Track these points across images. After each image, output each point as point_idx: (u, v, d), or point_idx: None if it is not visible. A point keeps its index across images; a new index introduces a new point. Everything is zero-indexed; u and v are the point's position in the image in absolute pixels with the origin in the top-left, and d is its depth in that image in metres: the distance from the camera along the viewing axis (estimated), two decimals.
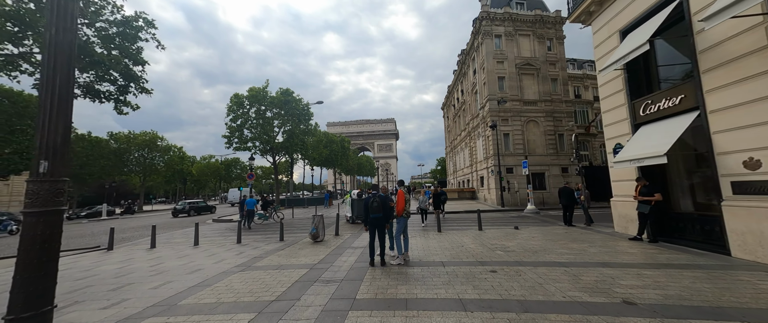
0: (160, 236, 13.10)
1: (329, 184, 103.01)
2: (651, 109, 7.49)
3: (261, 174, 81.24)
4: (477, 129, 27.23)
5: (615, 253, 6.40)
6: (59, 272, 2.63)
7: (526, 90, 23.45)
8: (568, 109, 23.61)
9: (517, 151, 22.57)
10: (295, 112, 25.59)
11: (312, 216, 9.56)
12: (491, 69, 23.14)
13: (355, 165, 59.28)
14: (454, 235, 9.55)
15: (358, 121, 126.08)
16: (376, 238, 6.13)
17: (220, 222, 18.70)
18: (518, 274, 5.02)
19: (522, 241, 8.08)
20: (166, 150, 45.53)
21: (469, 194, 28.75)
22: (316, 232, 9.24)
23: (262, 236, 11.52)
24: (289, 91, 24.48)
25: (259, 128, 23.74)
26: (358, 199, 14.06)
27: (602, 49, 9.26)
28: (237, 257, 7.61)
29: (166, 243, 11.21)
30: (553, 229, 10.21)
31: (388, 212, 6.15)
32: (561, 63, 24.00)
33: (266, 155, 26.64)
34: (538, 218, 14.55)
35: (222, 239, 11.32)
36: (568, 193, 10.60)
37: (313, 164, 39.61)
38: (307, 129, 28.84)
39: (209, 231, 14.02)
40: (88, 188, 50.95)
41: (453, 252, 6.95)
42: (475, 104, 28.24)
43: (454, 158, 41.48)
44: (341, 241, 9.23)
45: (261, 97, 23.19)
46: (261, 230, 13.39)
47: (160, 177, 51.15)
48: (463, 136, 33.59)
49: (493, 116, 22.65)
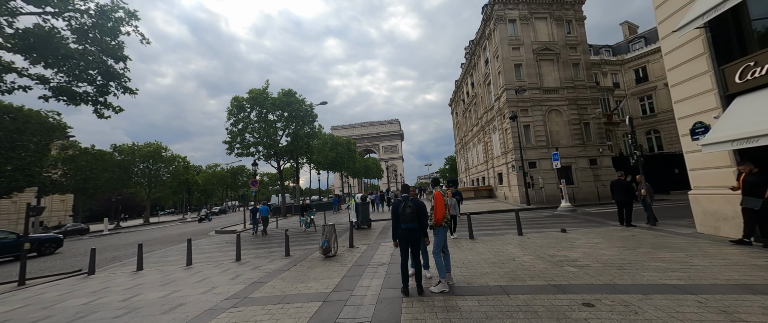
0: (155, 253, 11.81)
1: (336, 188, 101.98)
2: (756, 73, 5.77)
3: (267, 181, 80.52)
4: (492, 123, 25.48)
5: (737, 266, 4.70)
6: (14, 309, 1.16)
7: (546, 77, 21.66)
8: (593, 95, 21.70)
9: (539, 143, 20.77)
10: (299, 114, 24.28)
11: (322, 226, 8.06)
12: (506, 56, 21.43)
13: (362, 167, 57.86)
14: (492, 242, 7.93)
15: (362, 123, 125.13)
16: (409, 256, 4.59)
17: (224, 233, 17.38)
18: (632, 311, 3.38)
19: (587, 250, 6.41)
20: (170, 161, 44.85)
21: (486, 193, 26.96)
22: (328, 245, 7.74)
23: (265, 251, 10.07)
24: (291, 92, 23.18)
25: (262, 131, 22.47)
26: (362, 203, 13.36)
27: (669, 6, 7.57)
28: (231, 282, 6.14)
29: (157, 262, 9.85)
30: (611, 231, 8.48)
31: (424, 222, 4.61)
32: (582, 46, 22.15)
33: (270, 161, 25.38)
34: (579, 217, 12.77)
35: (220, 256, 9.91)
36: (625, 187, 8.85)
37: (318, 168, 38.29)
38: (311, 132, 27.53)
39: (208, 246, 12.65)
40: (95, 203, 50.74)
41: (507, 270, 5.34)
42: (488, 95, 26.50)
43: (465, 156, 39.67)
44: (358, 255, 7.70)
45: (262, 99, 21.92)
46: (264, 243, 11.95)
47: (167, 188, 50.57)
48: (475, 131, 31.83)
49: (512, 106, 20.90)
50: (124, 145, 40.95)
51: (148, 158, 41.69)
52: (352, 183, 69.13)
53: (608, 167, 20.85)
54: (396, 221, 4.57)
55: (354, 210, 13.38)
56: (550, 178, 20.43)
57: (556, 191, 20.23)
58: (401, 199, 4.65)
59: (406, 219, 4.42)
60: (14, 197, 39.39)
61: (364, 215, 13.29)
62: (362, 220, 13.15)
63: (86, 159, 34.38)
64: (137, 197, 53.43)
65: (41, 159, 28.88)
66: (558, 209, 14.46)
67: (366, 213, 13.46)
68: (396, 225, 4.58)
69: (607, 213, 13.35)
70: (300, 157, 27.56)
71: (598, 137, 21.26)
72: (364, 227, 13.17)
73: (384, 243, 9.08)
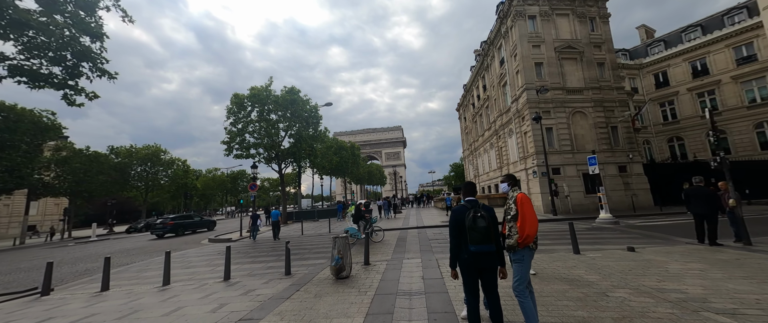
0: (134, 265, 10.07)
1: (337, 195, 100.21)
2: None
3: (268, 186, 78.93)
4: (508, 126, 23.90)
5: None
6: None
7: (569, 77, 20.15)
8: (620, 97, 20.10)
9: (563, 148, 19.10)
10: (302, 114, 22.84)
11: (333, 239, 6.39)
12: (526, 54, 19.99)
13: (366, 173, 56.24)
14: (548, 262, 6.22)
15: (364, 130, 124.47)
16: (479, 296, 2.93)
17: (218, 242, 15.68)
18: None
19: (701, 280, 4.70)
20: (169, 164, 43.46)
21: (502, 201, 25.13)
22: (341, 263, 6.07)
23: (261, 267, 8.38)
24: (295, 89, 21.77)
25: (263, 132, 20.98)
26: (366, 211, 12.00)
27: None
28: (211, 316, 4.47)
29: (131, 279, 8.18)
30: (698, 251, 6.75)
31: (501, 242, 2.99)
32: (607, 45, 20.69)
33: (271, 164, 23.83)
34: (627, 230, 11.00)
35: (206, 272, 8.23)
36: (707, 196, 7.11)
37: (322, 173, 36.69)
38: (315, 134, 26.05)
39: (196, 258, 10.95)
40: (90, 206, 49.19)
41: (612, 315, 3.63)
42: (503, 97, 25.00)
43: (474, 162, 37.97)
44: (377, 277, 6.01)
45: (263, 97, 20.49)
46: (262, 255, 10.24)
47: (165, 193, 49.08)
48: (487, 136, 30.24)
49: (532, 107, 19.34)
50: (122, 147, 39.66)
51: (146, 160, 40.32)
52: (355, 190, 67.38)
53: (639, 175, 19.09)
54: (457, 240, 2.93)
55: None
56: (575, 186, 18.70)
57: (582, 201, 18.49)
58: (466, 204, 3.01)
59: (478, 237, 2.78)
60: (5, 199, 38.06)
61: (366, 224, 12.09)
62: (365, 229, 11.95)
63: (80, 161, 33.01)
64: (134, 201, 51.92)
65: (32, 160, 27.51)
66: (597, 221, 12.68)
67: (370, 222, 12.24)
68: (457, 246, 2.94)
69: (658, 226, 11.58)
70: (303, 160, 25.99)
71: (627, 143, 19.58)
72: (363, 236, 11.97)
73: (407, 260, 7.39)
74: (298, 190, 38.07)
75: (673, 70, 30.65)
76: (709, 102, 28.58)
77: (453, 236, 2.98)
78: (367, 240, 7.51)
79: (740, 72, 26.53)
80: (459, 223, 2.91)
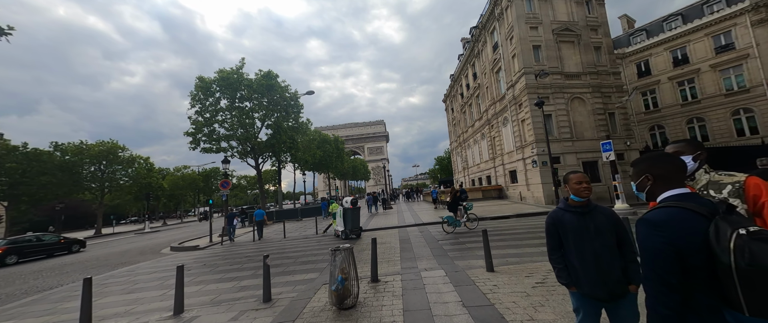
0: (61, 289, 7.49)
1: (320, 191, 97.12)
2: None
3: (245, 185, 74.49)
4: (502, 114, 22.82)
5: None
6: None
7: (567, 61, 19.25)
8: (617, 83, 19.53)
9: (563, 135, 18.21)
10: (281, 102, 20.39)
11: (331, 252, 4.51)
12: (524, 36, 18.80)
13: (350, 168, 54.07)
14: None
15: (346, 124, 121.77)
16: None
17: (181, 251, 13.19)
18: None
19: None
20: (129, 162, 38.85)
21: (496, 193, 24.22)
22: (345, 286, 4.22)
23: (231, 287, 6.34)
24: (272, 74, 19.23)
25: (235, 121, 18.34)
26: (353, 208, 10.93)
27: None
28: None
29: (47, 311, 5.84)
30: None
31: None
32: (603, 28, 20.00)
33: (247, 158, 21.22)
34: None
35: (154, 298, 6.08)
36: None
37: (304, 169, 34.15)
38: (296, 125, 23.65)
39: (147, 275, 8.61)
40: (36, 212, 43.21)
41: None
42: (496, 84, 23.88)
43: (462, 154, 37.07)
44: (397, 302, 4.25)
45: (234, 81, 17.79)
46: (233, 267, 8.13)
47: (126, 194, 44.15)
48: (478, 126, 29.21)
49: (531, 92, 18.25)
50: (70, 144, 34.67)
51: (100, 158, 35.60)
52: (338, 186, 64.97)
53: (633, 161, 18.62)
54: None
55: (341, 217, 11.17)
56: None
57: None
58: (694, 208, 1.26)
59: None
60: None
61: (353, 222, 10.99)
62: (352, 229, 10.91)
63: (15, 159, 28.31)
64: (89, 204, 46.37)
65: None
66: None
67: (356, 220, 11.16)
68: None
69: None
70: (283, 154, 23.52)
71: (624, 129, 19.09)
72: (352, 238, 10.84)
73: (426, 273, 5.68)
74: (279, 188, 35.28)
75: (654, 60, 31.07)
76: (689, 90, 29.35)
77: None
78: (374, 248, 5.68)
79: (719, 60, 27.21)
80: (688, 252, 1.17)
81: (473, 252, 7.40)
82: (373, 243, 5.71)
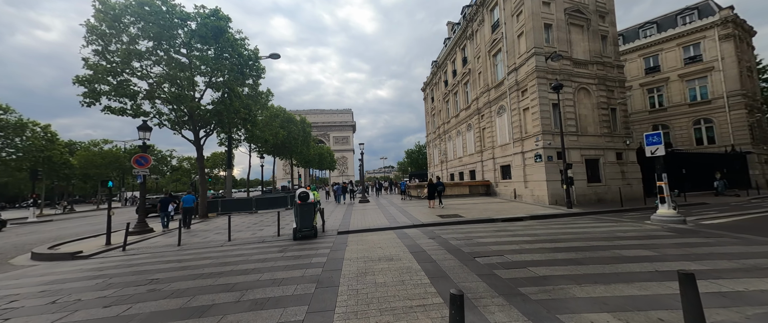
0: None
1: (279, 179, 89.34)
2: None
3: (190, 168, 64.41)
4: (498, 102, 20.58)
5: None
6: None
7: (575, 47, 17.44)
8: (621, 77, 18.33)
9: (568, 128, 16.40)
10: (233, 58, 15.44)
11: None
12: (536, 11, 16.45)
13: (316, 156, 49.05)
14: None
15: (312, 110, 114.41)
16: None
17: (51, 260, 8.21)
18: None
19: None
20: (18, 129, 29.33)
21: (484, 189, 22.15)
22: None
23: None
24: (223, 15, 14.12)
25: (164, 74, 13.04)
26: (305, 204, 8.54)
27: None
28: None
29: None
30: None
31: None
32: (610, 17, 18.57)
33: (182, 129, 15.94)
34: (713, 235, 8.03)
35: None
36: None
37: (263, 151, 28.76)
38: (254, 94, 18.79)
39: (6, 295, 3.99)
40: None
41: None
42: (493, 69, 21.54)
43: (441, 146, 34.88)
44: None
45: (162, 14, 12.36)
46: (125, 297, 4.04)
47: (15, 170, 33.85)
48: (464, 116, 26.94)
49: (540, 76, 16.05)
50: None
51: None
52: (301, 173, 59.27)
53: (633, 163, 17.69)
54: None
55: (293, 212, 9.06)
56: (578, 173, 16.25)
57: (585, 191, 16.17)
58: None
59: None
60: None
61: (305, 218, 8.52)
62: (302, 227, 8.50)
63: None
64: None
65: None
66: (654, 218, 9.64)
67: (309, 216, 8.60)
68: None
69: (743, 224, 9.02)
70: (234, 128, 18.45)
71: (624, 127, 17.98)
72: (303, 234, 8.44)
73: None
74: (229, 173, 29.38)
75: (628, 65, 31.65)
76: (658, 98, 30.52)
77: None
78: None
79: (686, 71, 28.44)
80: None
81: (553, 282, 4.34)
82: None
